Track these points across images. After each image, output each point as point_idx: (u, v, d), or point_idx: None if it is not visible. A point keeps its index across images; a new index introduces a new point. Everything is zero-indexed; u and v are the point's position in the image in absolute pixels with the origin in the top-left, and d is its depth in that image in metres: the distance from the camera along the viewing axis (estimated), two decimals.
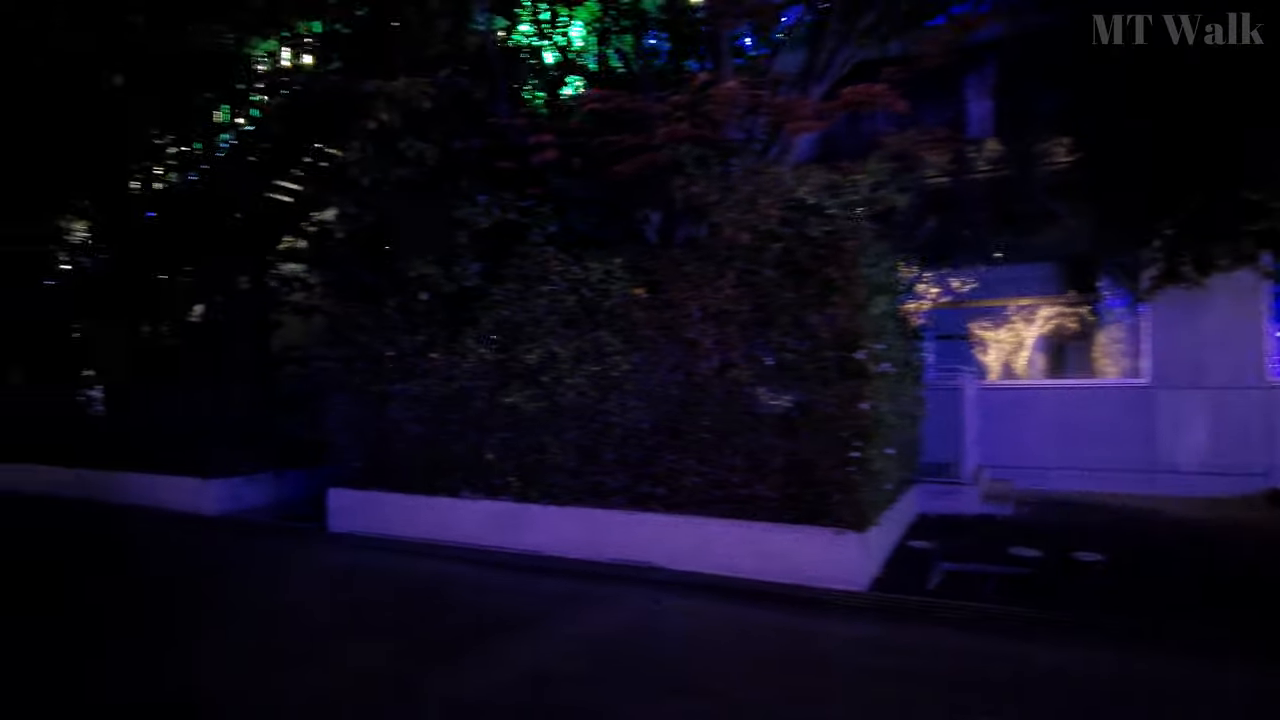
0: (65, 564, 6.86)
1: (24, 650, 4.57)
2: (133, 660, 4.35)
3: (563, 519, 6.69)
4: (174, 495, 9.30)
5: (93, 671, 4.22)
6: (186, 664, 4.28)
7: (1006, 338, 10.96)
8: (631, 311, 6.35)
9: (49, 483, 10.82)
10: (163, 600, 5.60)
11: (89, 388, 11.34)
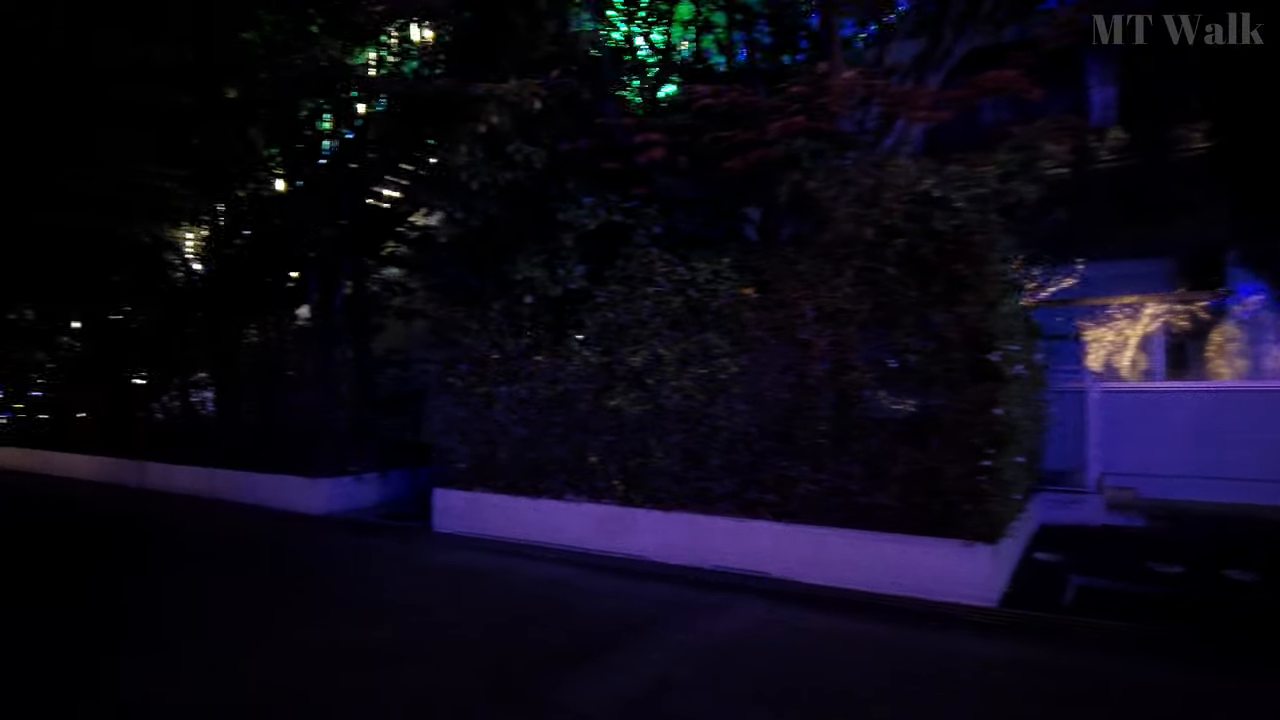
0: (196, 559, 7.13)
1: (178, 640, 4.73)
2: (267, 653, 4.43)
3: (667, 524, 6.56)
4: (282, 494, 9.59)
5: (233, 659, 4.31)
6: (318, 659, 4.33)
7: (1124, 337, 10.32)
8: (741, 312, 6.17)
9: (164, 480, 11.36)
10: (289, 597, 5.72)
11: (200, 389, 11.87)
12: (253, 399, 10.46)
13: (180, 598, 5.73)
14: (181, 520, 9.11)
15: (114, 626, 5.07)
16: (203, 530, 8.58)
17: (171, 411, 12.03)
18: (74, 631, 4.93)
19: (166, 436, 11.86)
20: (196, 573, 6.56)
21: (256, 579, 6.34)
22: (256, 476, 9.96)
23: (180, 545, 7.84)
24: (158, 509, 9.86)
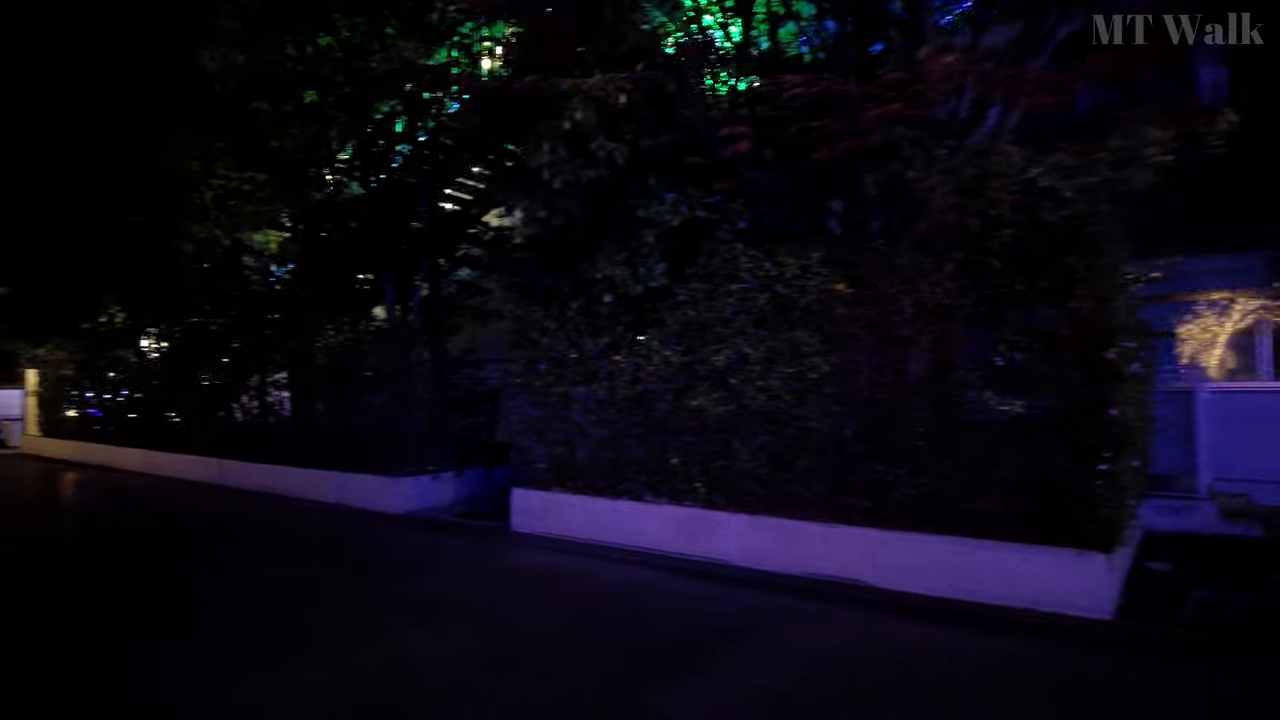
0: (291, 559, 7.22)
1: (286, 641, 4.75)
2: (365, 656, 4.41)
3: (753, 528, 6.38)
4: (362, 493, 9.70)
5: (335, 660, 4.30)
6: (413, 664, 4.29)
7: (1228, 334, 9.71)
8: (832, 309, 5.95)
9: (243, 478, 11.62)
10: (383, 598, 5.73)
11: (279, 389, 12.12)
12: (330, 399, 10.62)
13: (282, 598, 5.78)
14: (267, 519, 9.27)
15: (227, 627, 5.13)
16: (290, 529, 8.72)
17: (250, 411, 12.31)
18: (192, 630, 5.01)
19: (245, 435, 12.14)
20: (295, 573, 6.63)
21: (350, 579, 6.37)
22: (336, 475, 10.10)
23: (273, 545, 7.97)
24: (242, 507, 10.08)
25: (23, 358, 19.58)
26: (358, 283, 10.84)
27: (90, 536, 8.52)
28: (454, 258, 10.47)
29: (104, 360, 16.10)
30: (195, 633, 4.92)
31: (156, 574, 6.49)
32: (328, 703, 3.88)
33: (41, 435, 18.38)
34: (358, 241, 10.46)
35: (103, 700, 3.91)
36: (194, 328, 13.86)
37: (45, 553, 7.66)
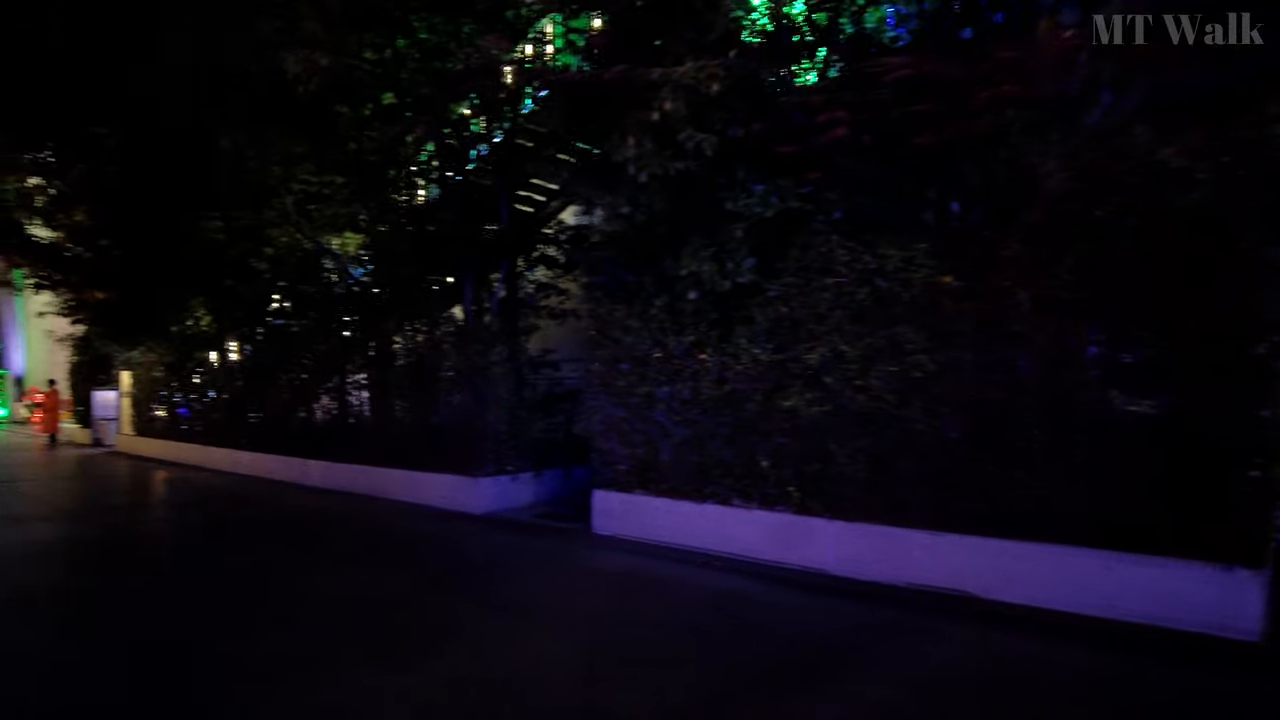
0: (385, 559, 7.24)
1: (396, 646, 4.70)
2: (469, 664, 4.31)
3: (850, 535, 6.09)
4: (442, 493, 9.72)
5: (444, 667, 4.21)
6: (513, 673, 4.16)
7: None
8: (938, 303, 5.63)
9: (326, 477, 11.80)
10: (478, 601, 5.65)
11: (359, 390, 12.28)
12: (409, 400, 10.68)
13: (373, 600, 5.75)
14: (352, 519, 9.36)
15: (320, 628, 5.11)
16: (375, 529, 8.77)
17: (330, 411, 12.51)
18: (285, 631, 5.00)
19: (326, 435, 12.34)
20: (383, 574, 6.63)
21: (438, 581, 6.32)
22: (416, 475, 10.15)
23: (361, 545, 8.00)
24: (326, 506, 10.21)
25: (117, 361, 20.44)
26: (435, 284, 10.88)
27: (185, 535, 8.71)
28: (531, 258, 10.41)
29: (191, 362, 16.64)
30: (288, 634, 4.90)
31: (248, 574, 6.55)
32: (424, 706, 3.78)
33: (135, 434, 19.13)
34: (435, 243, 10.50)
35: (191, 700, 3.89)
36: (275, 330, 14.20)
37: (145, 551, 7.85)
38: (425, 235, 10.59)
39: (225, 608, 5.50)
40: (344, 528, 8.81)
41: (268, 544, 7.95)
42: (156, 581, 6.46)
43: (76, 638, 4.90)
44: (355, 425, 11.97)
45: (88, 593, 6.11)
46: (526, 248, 10.32)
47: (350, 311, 12.10)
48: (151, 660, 4.43)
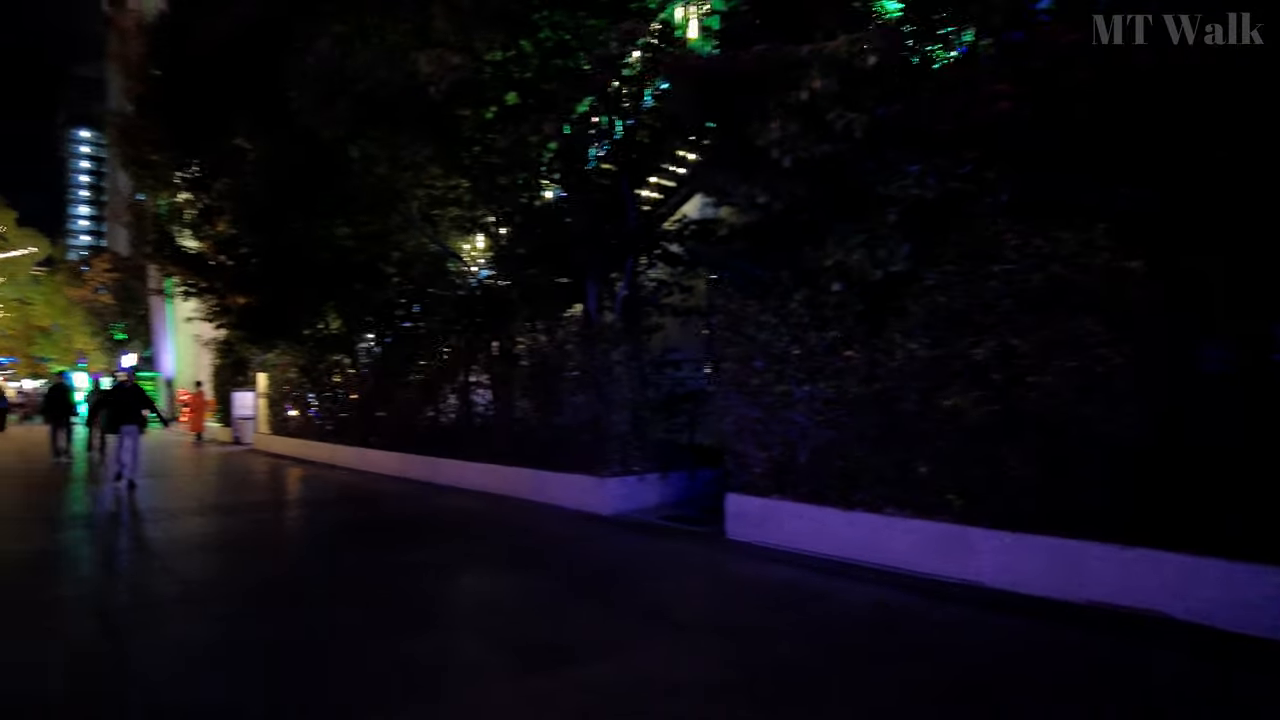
0: (523, 562, 7.15)
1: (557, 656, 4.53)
2: (602, 665, 4.06)
3: (1020, 547, 5.51)
4: (570, 492, 9.60)
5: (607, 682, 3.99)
6: (659, 681, 3.87)
7: None
8: (1125, 291, 5.00)
9: (455, 476, 11.94)
10: (609, 600, 5.43)
11: (485, 389, 12.39)
12: (534, 399, 10.65)
13: (513, 603, 5.62)
14: (482, 518, 9.37)
15: (462, 630, 5.00)
16: (506, 528, 8.73)
17: (457, 411, 12.67)
18: (429, 632, 4.91)
19: (453, 434, 12.50)
20: (519, 577, 6.53)
21: (575, 583, 6.15)
22: (543, 475, 10.08)
23: (494, 545, 7.97)
24: (456, 505, 10.29)
25: (254, 363, 21.60)
26: (559, 283, 10.80)
27: (327, 534, 8.92)
28: (654, 255, 10.17)
29: (323, 364, 17.33)
30: (432, 635, 4.79)
31: (392, 576, 6.55)
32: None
33: (270, 433, 20.13)
34: (559, 243, 10.42)
35: (338, 699, 3.78)
36: (403, 332, 14.56)
37: (290, 550, 8.07)
38: (549, 236, 10.53)
39: (373, 610, 5.47)
40: (479, 528, 8.79)
41: (408, 544, 8.00)
42: (303, 581, 6.54)
43: (233, 633, 4.95)
44: (481, 424, 12.07)
45: (243, 590, 6.24)
46: (650, 245, 10.08)
47: (475, 313, 12.21)
48: (305, 663, 4.39)
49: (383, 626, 4.97)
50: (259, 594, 5.88)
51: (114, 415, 11.86)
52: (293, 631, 4.90)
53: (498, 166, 10.80)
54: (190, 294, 18.68)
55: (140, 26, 16.73)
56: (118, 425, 11.73)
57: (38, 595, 5.80)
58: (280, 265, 15.44)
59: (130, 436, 11.63)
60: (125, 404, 11.85)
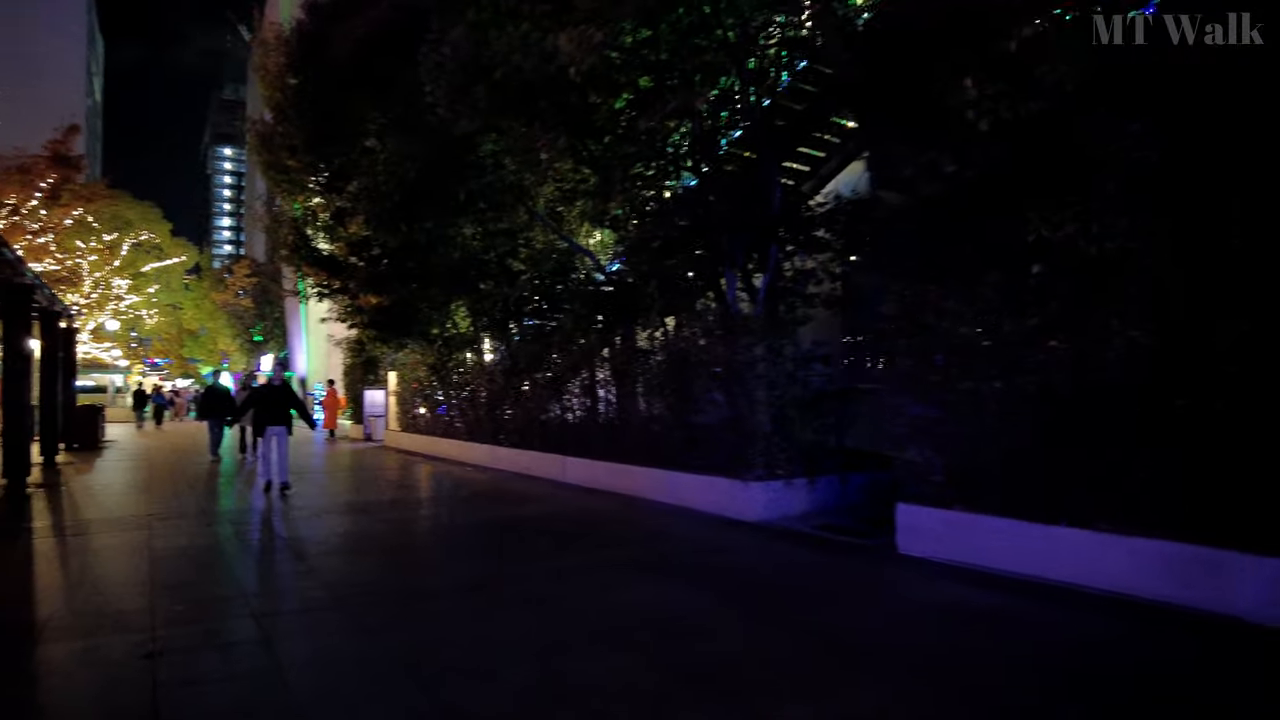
0: (653, 566, 6.68)
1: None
2: (794, 708, 3.48)
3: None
4: (709, 496, 9.06)
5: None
6: None
7: None
8: None
9: (585, 475, 11.61)
10: (781, 623, 4.84)
11: (613, 386, 12.02)
12: (669, 396, 10.16)
13: (668, 621, 5.11)
14: (617, 521, 8.96)
15: (619, 649, 4.52)
16: (645, 533, 8.28)
17: (584, 408, 12.37)
18: (583, 652, 4.46)
19: (581, 432, 12.20)
20: (670, 590, 6.02)
21: (734, 600, 5.57)
22: (678, 476, 9.58)
23: (634, 552, 7.51)
24: (588, 506, 9.94)
25: (384, 362, 22.16)
26: (694, 275, 10.27)
27: (464, 535, 8.70)
28: (799, 239, 9.45)
29: (451, 362, 17.47)
30: (591, 656, 4.32)
31: (530, 581, 6.18)
32: None
33: (400, 430, 20.57)
34: (693, 231, 9.89)
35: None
36: (530, 329, 14.41)
37: (430, 552, 7.88)
38: (683, 225, 10.01)
39: (522, 622, 5.08)
40: (615, 531, 8.37)
41: (548, 547, 7.66)
42: (451, 589, 6.25)
43: (384, 645, 4.65)
44: (610, 422, 11.71)
45: (392, 597, 6.00)
46: (796, 229, 9.37)
47: (603, 308, 11.84)
48: (464, 682, 4.01)
49: (536, 642, 4.54)
50: (409, 601, 5.59)
51: (262, 416, 11.26)
52: (448, 647, 4.54)
53: (630, 155, 10.38)
54: (324, 295, 19.27)
55: (279, 38, 17.30)
56: (265, 426, 11.17)
57: (195, 593, 5.73)
58: (410, 265, 15.62)
59: (279, 438, 11.06)
60: (274, 404, 11.23)
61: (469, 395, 16.74)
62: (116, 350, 41.98)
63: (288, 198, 19.47)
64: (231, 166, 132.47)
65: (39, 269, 26.13)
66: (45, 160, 30.58)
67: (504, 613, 5.22)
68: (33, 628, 4.83)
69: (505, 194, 12.41)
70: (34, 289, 12.43)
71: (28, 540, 7.73)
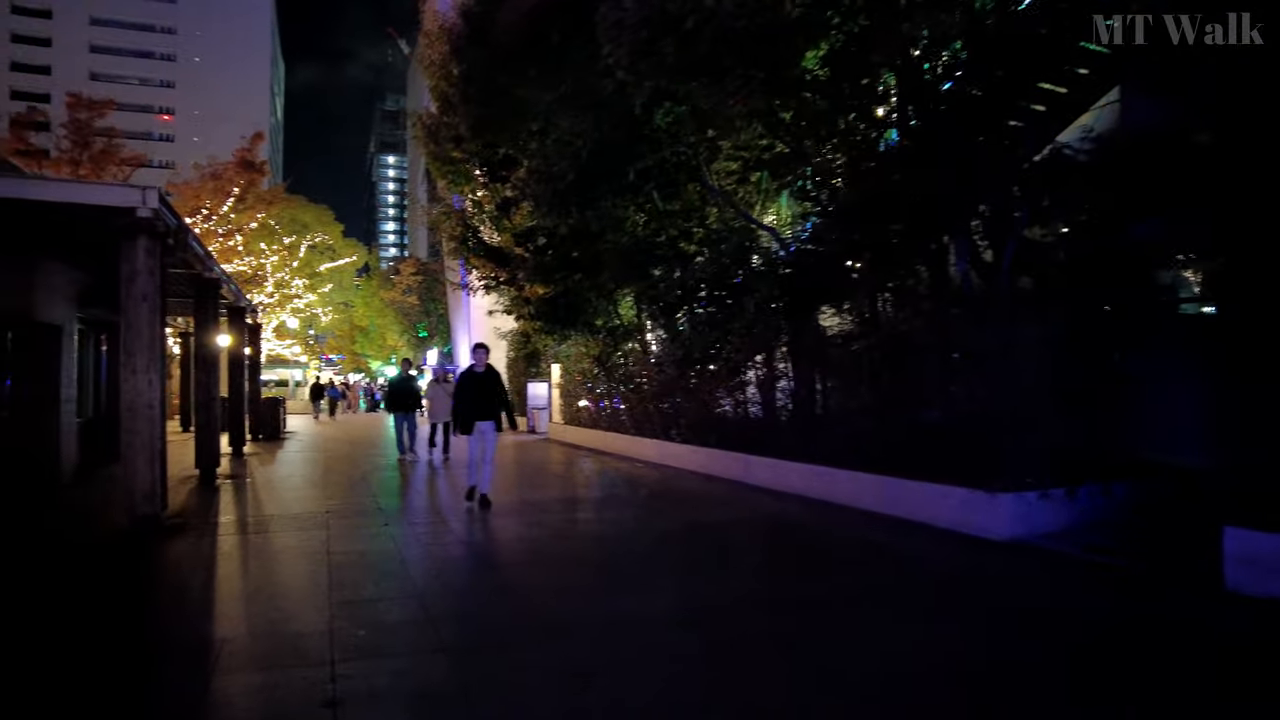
0: (889, 599, 5.45)
1: None
2: None
3: None
4: (938, 507, 7.65)
5: None
6: None
7: None
8: None
9: (773, 477, 10.44)
10: (1091, 696, 3.52)
11: (801, 375, 10.80)
12: (881, 389, 8.81)
13: (977, 691, 3.90)
14: (836, 536, 7.79)
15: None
16: (880, 552, 7.06)
17: (773, 402, 11.19)
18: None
19: (770, 429, 11.04)
20: (920, 630, 4.78)
21: (1054, 656, 4.28)
22: (900, 484, 8.19)
23: (882, 575, 6.32)
24: (790, 513, 8.82)
25: (547, 354, 21.87)
26: (911, 244, 8.82)
27: (657, 544, 7.76)
28: (1057, 193, 7.74)
29: (616, 353, 16.78)
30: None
31: (749, 613, 5.12)
32: None
33: (564, 423, 20.17)
34: (906, 194, 8.46)
35: None
36: (700, 317, 13.34)
37: (627, 567, 6.99)
38: (894, 187, 8.60)
39: (774, 677, 4.01)
40: (838, 549, 7.17)
41: (758, 566, 6.61)
42: (656, 620, 5.27)
43: (601, 700, 3.71)
44: (805, 418, 10.48)
45: (599, 627, 5.12)
46: (1049, 181, 7.69)
47: (792, 289, 10.57)
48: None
49: (815, 713, 3.46)
50: (617, 636, 4.66)
51: (468, 409, 9.00)
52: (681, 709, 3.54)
53: (828, 110, 9.10)
54: (490, 288, 19.14)
55: (442, 27, 17.18)
56: (472, 422, 8.96)
57: (377, 614, 5.06)
58: (575, 254, 15.01)
59: (489, 438, 9.05)
60: (483, 395, 9.01)
61: (635, 388, 15.96)
62: (296, 346, 44.92)
63: (454, 188, 19.47)
64: (394, 174, 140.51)
65: (229, 269, 27.90)
66: (234, 166, 32.88)
67: (744, 660, 4.16)
68: (210, 650, 4.28)
69: (679, 171, 11.43)
70: (220, 283, 12.68)
71: (213, 538, 7.50)
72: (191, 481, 11.46)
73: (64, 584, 5.94)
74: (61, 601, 5.44)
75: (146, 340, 7.87)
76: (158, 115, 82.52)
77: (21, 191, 7.75)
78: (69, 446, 11.59)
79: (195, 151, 35.05)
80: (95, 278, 11.62)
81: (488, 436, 9.05)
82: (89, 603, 5.44)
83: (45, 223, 8.97)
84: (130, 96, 75.30)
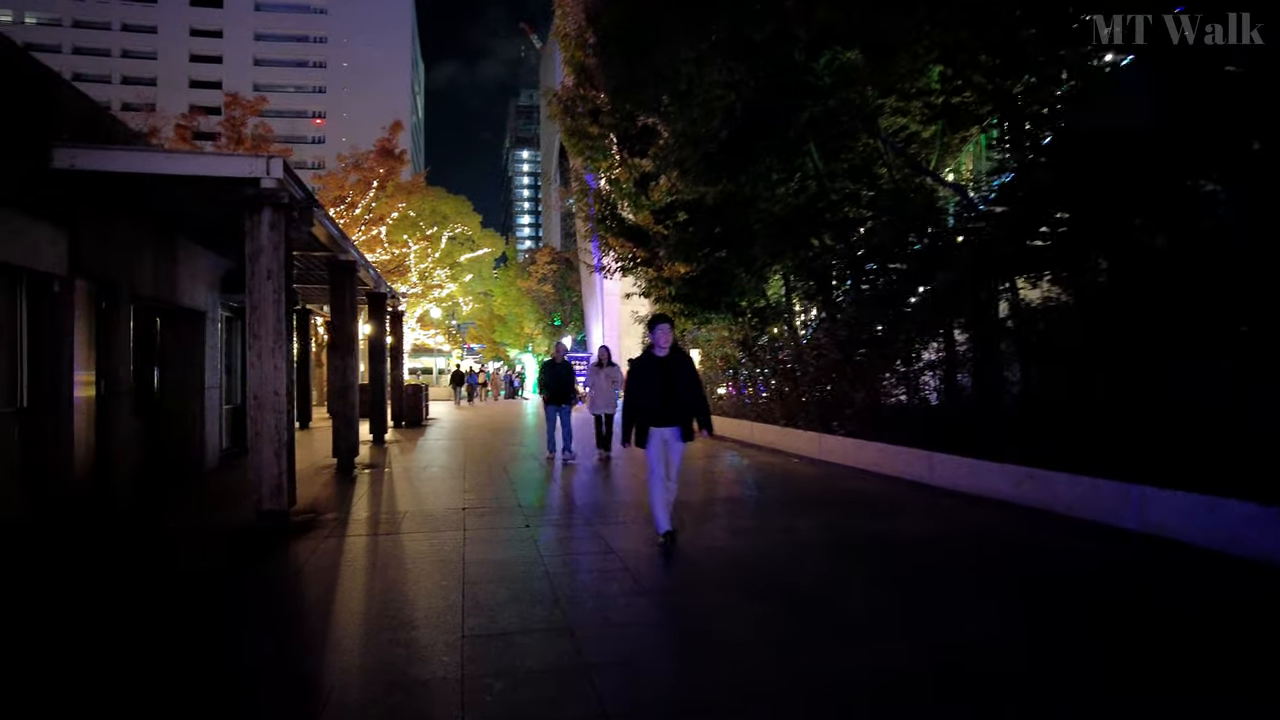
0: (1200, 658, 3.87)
1: None
2: None
3: None
4: (1243, 529, 5.85)
5: None
6: None
7: None
8: None
9: (970, 479, 8.77)
10: None
11: (1003, 360, 9.08)
12: (1105, 373, 7.05)
13: None
14: (1082, 558, 6.18)
15: None
16: (1174, 591, 5.41)
17: (963, 391, 9.52)
18: None
19: (959, 422, 9.36)
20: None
21: None
22: (1168, 496, 6.37)
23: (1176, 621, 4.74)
24: (998, 524, 7.25)
25: (684, 339, 20.69)
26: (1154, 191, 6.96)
27: (833, 557, 6.38)
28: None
29: (764, 337, 15.39)
30: None
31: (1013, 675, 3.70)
32: None
33: None
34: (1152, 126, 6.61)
35: None
36: (872, 293, 11.71)
37: (802, 591, 5.67)
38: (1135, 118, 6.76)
39: None
40: (1089, 578, 5.55)
41: (1003, 608, 5.12)
42: (879, 692, 3.95)
43: None
44: (1000, 408, 8.78)
45: (782, 696, 3.86)
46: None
47: (990, 255, 8.82)
48: None
49: None
50: (857, 704, 3.38)
51: (644, 410, 6.41)
52: None
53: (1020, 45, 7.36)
54: (626, 269, 18.15)
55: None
56: (650, 429, 6.38)
57: (518, 656, 4.00)
58: (718, 229, 13.70)
59: (673, 449, 6.47)
60: (668, 390, 6.41)
61: (786, 373, 14.50)
62: (440, 335, 46.03)
63: (590, 165, 18.59)
64: (528, 168, 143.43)
65: (371, 258, 28.41)
66: (374, 156, 33.82)
67: None
68: (317, 693, 3.35)
69: (851, 120, 9.88)
70: (356, 266, 12.25)
71: (339, 539, 6.76)
72: (328, 471, 11.06)
73: (167, 595, 5.28)
74: (155, 617, 4.73)
75: (272, 322, 7.26)
76: (311, 120, 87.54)
77: (146, 165, 7.28)
78: (213, 433, 11.47)
79: (343, 151, 36.42)
80: (237, 263, 11.43)
81: (672, 448, 6.45)
82: (184, 623, 4.69)
83: (179, 201, 8.62)
84: (287, 103, 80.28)
